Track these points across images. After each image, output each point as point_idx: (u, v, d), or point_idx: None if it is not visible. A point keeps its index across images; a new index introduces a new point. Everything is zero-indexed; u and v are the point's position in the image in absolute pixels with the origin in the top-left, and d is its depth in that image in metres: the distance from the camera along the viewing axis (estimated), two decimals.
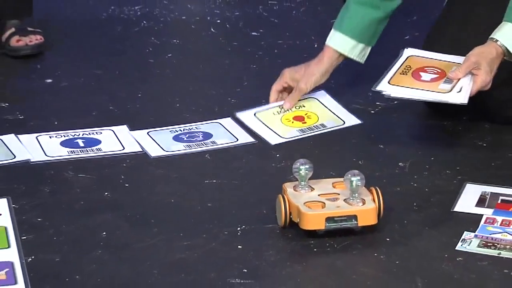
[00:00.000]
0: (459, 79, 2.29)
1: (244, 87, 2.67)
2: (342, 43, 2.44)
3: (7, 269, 2.02)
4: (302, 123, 2.49)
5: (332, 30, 2.45)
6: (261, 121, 2.48)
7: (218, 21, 2.96)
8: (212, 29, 2.93)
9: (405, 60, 2.35)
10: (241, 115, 2.50)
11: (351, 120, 2.51)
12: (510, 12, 2.31)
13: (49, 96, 2.60)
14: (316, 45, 2.84)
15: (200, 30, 2.92)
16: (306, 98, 2.53)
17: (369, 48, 2.48)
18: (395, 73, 2.33)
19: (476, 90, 2.29)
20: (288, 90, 2.50)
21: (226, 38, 2.88)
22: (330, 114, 2.52)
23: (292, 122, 2.49)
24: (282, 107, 2.50)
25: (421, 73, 2.32)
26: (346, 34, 2.44)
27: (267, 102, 2.59)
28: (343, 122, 2.50)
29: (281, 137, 2.45)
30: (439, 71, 2.33)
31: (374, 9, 2.43)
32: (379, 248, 2.10)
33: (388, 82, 2.32)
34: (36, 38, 2.73)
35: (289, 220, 2.14)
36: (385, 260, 2.08)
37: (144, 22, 2.92)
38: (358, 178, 2.14)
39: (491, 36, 2.30)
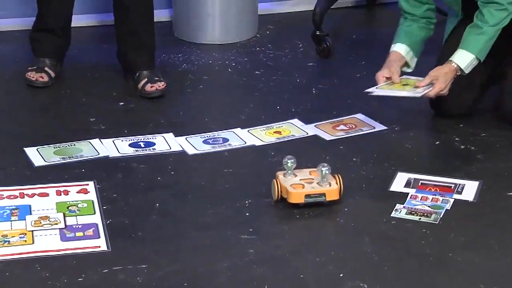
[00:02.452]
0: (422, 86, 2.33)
1: (250, 108, 2.65)
2: (400, 48, 2.41)
3: (93, 228, 2.01)
4: (279, 134, 2.47)
5: (393, 44, 2.42)
6: (253, 135, 2.45)
7: (233, 64, 2.94)
8: (229, 69, 2.91)
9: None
10: (237, 131, 2.47)
11: (313, 132, 2.48)
12: (463, 42, 2.31)
13: (121, 113, 2.57)
14: (298, 80, 2.82)
15: (221, 70, 2.90)
16: (285, 123, 2.51)
17: (416, 60, 2.43)
18: (382, 84, 2.36)
19: (434, 93, 2.32)
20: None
21: (238, 75, 2.86)
22: (298, 129, 2.49)
23: (273, 134, 2.47)
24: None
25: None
26: (402, 43, 2.41)
27: (265, 118, 2.57)
28: (306, 133, 2.47)
29: (262, 141, 2.42)
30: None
31: (420, 30, 2.42)
32: (339, 215, 2.09)
33: (376, 88, 2.35)
34: (162, 85, 2.61)
35: (280, 196, 2.12)
36: (344, 223, 2.06)
37: (184, 64, 2.90)
38: (327, 168, 2.12)
39: (449, 59, 2.32)
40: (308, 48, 3.00)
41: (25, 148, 2.34)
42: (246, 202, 2.14)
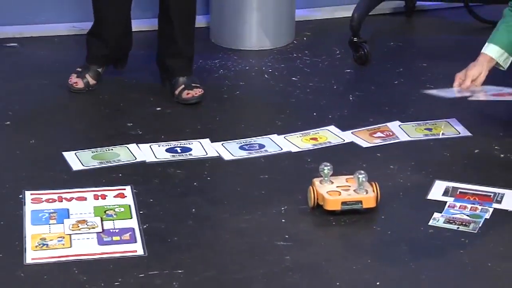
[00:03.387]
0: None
1: (286, 114, 2.65)
2: (493, 51, 2.38)
3: (130, 233, 2.02)
4: (316, 141, 2.47)
5: (486, 43, 2.39)
6: (289, 141, 2.45)
7: (270, 70, 2.95)
8: (265, 76, 2.91)
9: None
10: (273, 137, 2.47)
11: (350, 138, 2.47)
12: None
13: (158, 119, 2.60)
14: (335, 87, 2.82)
15: (258, 76, 2.91)
16: (322, 130, 2.51)
17: (510, 59, 2.39)
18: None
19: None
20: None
21: (275, 82, 2.87)
22: (335, 136, 2.49)
23: (309, 140, 2.47)
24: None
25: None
26: (496, 44, 2.37)
27: (302, 124, 2.57)
28: (343, 140, 2.47)
29: (299, 147, 2.42)
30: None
31: None
32: (376, 223, 2.08)
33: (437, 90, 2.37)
34: (199, 91, 2.61)
35: (316, 203, 2.12)
36: (380, 231, 2.05)
37: (221, 70, 2.92)
38: (363, 175, 2.12)
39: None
40: (345, 54, 3.00)
41: (63, 152, 2.37)
42: (282, 208, 2.14)
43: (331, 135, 2.52)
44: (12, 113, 2.58)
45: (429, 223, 2.07)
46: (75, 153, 2.38)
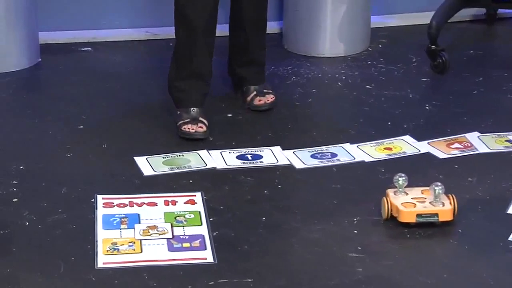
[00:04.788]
0: None
1: (360, 123, 2.64)
2: None
3: (200, 239, 2.04)
4: (390, 151, 2.45)
5: None
6: (363, 151, 2.45)
7: (343, 78, 2.94)
8: (339, 83, 2.91)
9: None
10: (346, 146, 2.47)
11: (426, 149, 2.44)
12: None
13: (229, 125, 2.62)
14: (411, 96, 2.79)
15: (331, 84, 2.91)
16: (397, 139, 2.49)
17: None
18: None
19: None
20: None
21: (348, 89, 2.86)
22: (410, 146, 2.47)
23: (383, 150, 2.45)
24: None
25: None
26: None
27: (375, 133, 2.56)
28: (419, 151, 2.45)
29: (372, 157, 2.41)
30: None
31: None
32: (453, 237, 2.05)
33: None
34: (271, 98, 2.59)
35: (390, 214, 2.10)
36: (457, 246, 2.02)
37: (293, 77, 2.92)
38: (440, 187, 2.09)
39: None
40: (422, 63, 2.97)
41: (135, 157, 2.41)
42: (355, 219, 2.13)
43: (406, 145, 2.49)
44: (85, 117, 2.65)
45: (509, 238, 2.02)
46: (147, 158, 2.42)
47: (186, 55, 2.50)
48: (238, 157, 2.44)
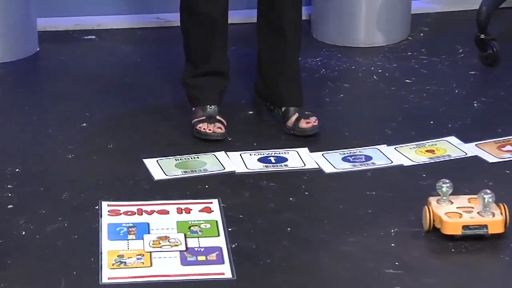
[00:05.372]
0: None
1: (398, 122, 2.64)
2: None
3: (217, 252, 2.05)
4: (433, 154, 2.44)
5: None
6: (401, 153, 2.44)
7: (380, 70, 2.94)
8: (374, 77, 2.90)
9: None
10: (382, 148, 2.47)
11: (474, 152, 2.43)
12: None
13: (250, 124, 2.62)
14: (456, 91, 2.79)
15: (365, 77, 2.91)
16: (440, 141, 2.49)
17: None
18: None
19: None
20: None
21: (385, 84, 2.86)
22: (455, 149, 2.46)
23: (424, 153, 2.45)
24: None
25: None
26: None
27: (416, 134, 2.56)
28: (465, 154, 2.44)
29: (412, 161, 2.40)
30: None
31: None
32: (504, 251, 2.04)
33: None
34: (314, 119, 2.51)
35: (432, 226, 2.10)
36: (510, 262, 2.01)
37: (323, 70, 2.93)
38: (490, 195, 2.08)
39: None
40: (469, 54, 2.96)
41: (144, 159, 2.43)
42: (392, 230, 2.13)
43: (451, 148, 2.49)
44: (90, 114, 2.67)
45: None
46: (157, 161, 2.43)
47: (201, 51, 2.48)
48: (260, 160, 2.45)
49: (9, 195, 2.27)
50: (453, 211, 2.10)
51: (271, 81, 2.54)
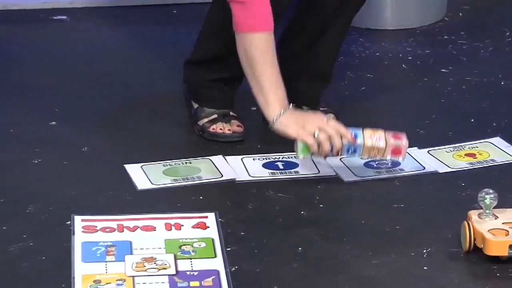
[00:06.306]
0: None
1: (433, 120, 2.64)
2: None
3: (213, 277, 2.05)
4: (474, 158, 2.45)
5: None
6: (436, 158, 2.46)
7: (410, 58, 2.94)
8: (403, 65, 2.91)
9: None
10: (413, 151, 2.48)
11: None
12: None
13: (253, 122, 2.63)
14: (502, 83, 2.79)
15: (393, 66, 2.91)
16: (483, 143, 2.50)
17: None
18: None
19: None
20: None
21: (416, 74, 2.87)
22: (502, 152, 2.47)
23: (464, 157, 2.46)
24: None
25: None
26: None
27: (454, 134, 2.56)
28: None
29: (449, 167, 2.41)
30: None
31: None
32: None
33: None
34: (332, 118, 2.47)
35: (473, 245, 2.11)
36: None
37: (342, 57, 2.93)
38: None
39: None
40: None
41: (126, 165, 2.43)
42: (425, 250, 2.14)
43: (495, 151, 2.49)
44: (59, 110, 2.68)
45: None
46: (142, 167, 2.44)
47: (233, 57, 2.41)
48: (265, 166, 2.46)
49: None
50: (499, 228, 2.11)
51: (291, 75, 2.53)
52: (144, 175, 2.41)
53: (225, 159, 2.47)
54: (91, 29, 3.07)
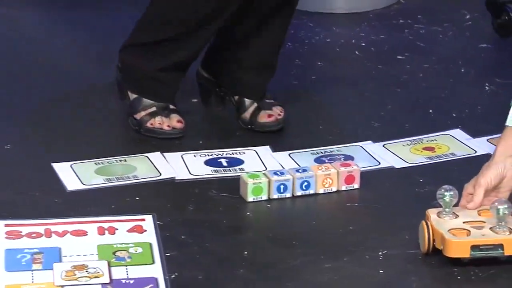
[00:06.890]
0: None
1: (388, 111, 2.66)
2: None
3: (151, 285, 2.05)
4: (432, 152, 2.47)
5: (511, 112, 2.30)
6: (391, 152, 2.48)
7: (363, 44, 2.96)
8: (356, 52, 2.93)
9: None
10: (367, 145, 2.50)
11: (485, 149, 2.47)
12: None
13: (194, 115, 2.63)
14: (463, 70, 2.82)
15: (345, 53, 2.93)
16: (442, 135, 2.52)
17: None
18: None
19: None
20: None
21: (370, 61, 2.88)
22: (462, 145, 2.49)
23: (421, 151, 2.48)
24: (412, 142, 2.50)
25: None
26: None
27: (411, 126, 2.58)
28: (474, 152, 2.47)
29: (405, 161, 2.44)
30: None
31: None
32: None
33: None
34: (280, 110, 2.56)
35: (432, 246, 2.12)
36: None
37: (289, 44, 2.94)
38: (505, 206, 2.11)
39: None
40: (479, 21, 3.00)
41: (53, 164, 2.42)
42: (380, 253, 2.15)
43: (455, 144, 2.52)
44: None
45: None
46: (71, 165, 2.43)
47: (180, 43, 2.46)
48: (207, 163, 2.46)
49: None
50: (459, 227, 2.13)
51: (230, 64, 2.56)
52: (74, 175, 2.40)
53: (164, 156, 2.47)
54: (13, 15, 3.05)
